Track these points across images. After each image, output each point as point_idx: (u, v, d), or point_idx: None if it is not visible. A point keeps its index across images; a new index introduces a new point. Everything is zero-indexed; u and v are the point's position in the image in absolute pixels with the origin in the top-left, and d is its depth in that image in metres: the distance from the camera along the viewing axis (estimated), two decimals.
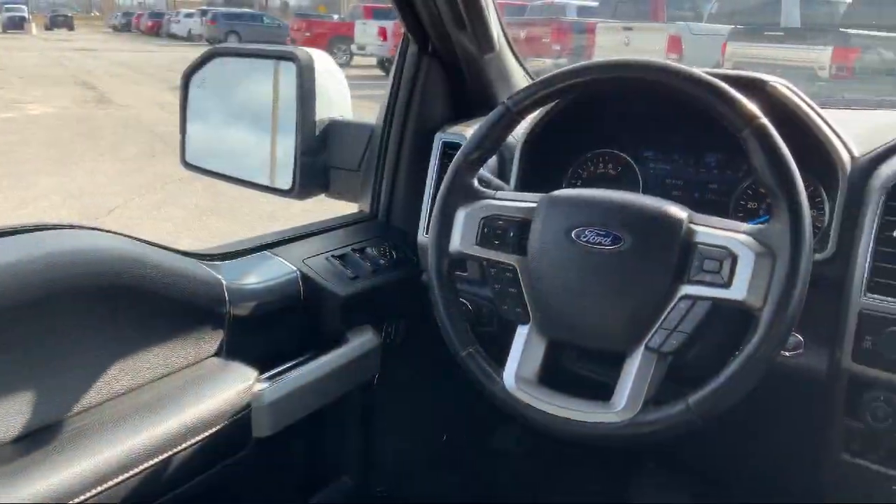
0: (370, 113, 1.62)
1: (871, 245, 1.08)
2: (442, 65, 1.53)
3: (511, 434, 1.88)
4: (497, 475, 1.87)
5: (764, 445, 1.49)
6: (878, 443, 1.12)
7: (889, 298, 1.05)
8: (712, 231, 0.96)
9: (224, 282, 1.19)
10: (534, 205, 1.06)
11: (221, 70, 1.64)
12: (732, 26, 9.52)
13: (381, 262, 1.46)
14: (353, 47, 18.03)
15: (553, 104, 1.34)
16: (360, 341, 1.36)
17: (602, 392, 0.99)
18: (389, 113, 1.56)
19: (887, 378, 1.05)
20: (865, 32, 8.52)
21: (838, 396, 1.12)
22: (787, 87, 1.23)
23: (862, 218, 1.10)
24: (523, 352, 1.05)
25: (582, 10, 13.68)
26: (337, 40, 19.18)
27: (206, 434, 1.07)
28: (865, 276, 1.08)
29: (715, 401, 0.92)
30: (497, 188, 1.16)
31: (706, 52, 9.50)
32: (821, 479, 1.27)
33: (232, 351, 1.20)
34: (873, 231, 1.08)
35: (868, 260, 1.08)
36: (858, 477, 1.15)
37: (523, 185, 1.38)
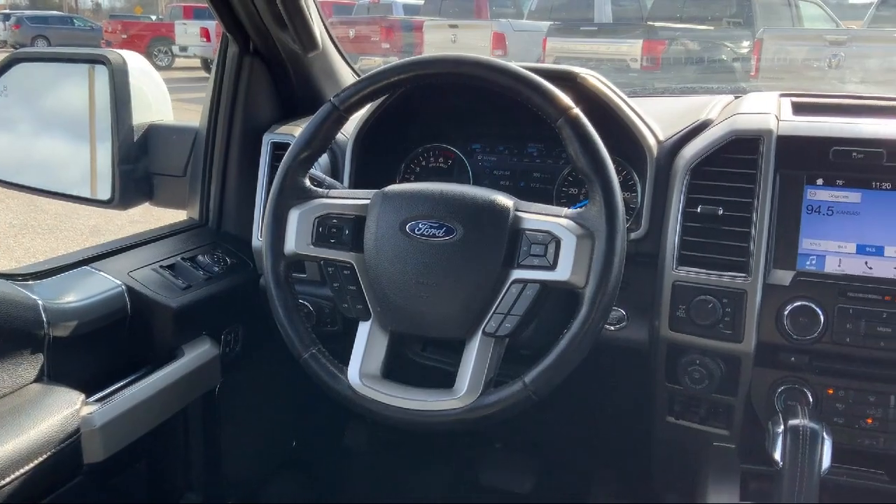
0: (198, 116, 1.56)
1: (678, 221, 1.17)
2: (265, 64, 1.50)
3: (362, 432, 1.88)
4: (351, 474, 1.87)
5: (599, 415, 1.59)
6: (697, 404, 1.22)
7: (696, 269, 1.15)
8: (537, 217, 1.00)
9: (40, 302, 1.11)
10: (367, 201, 1.07)
11: (27, 76, 1.53)
12: (551, 23, 9.97)
13: (216, 269, 1.41)
14: (175, 49, 17.23)
15: (382, 100, 1.35)
16: (197, 353, 1.31)
17: (447, 380, 1.02)
18: (213, 115, 1.51)
19: (700, 343, 1.15)
20: (671, 25, 9.21)
21: (659, 363, 1.21)
22: (597, 79, 1.31)
23: (670, 197, 1.20)
24: (366, 348, 1.05)
25: (408, 9, 13.85)
26: (157, 42, 18.24)
27: (33, 465, 0.99)
28: (676, 250, 1.17)
29: (548, 377, 0.96)
30: (330, 186, 1.16)
31: (529, 47, 9.90)
32: (650, 441, 1.37)
33: (55, 375, 1.12)
34: (680, 208, 1.17)
35: (677, 235, 1.17)
36: (683, 436, 1.25)
37: (357, 183, 1.38)
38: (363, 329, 1.06)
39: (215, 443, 1.47)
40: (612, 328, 1.27)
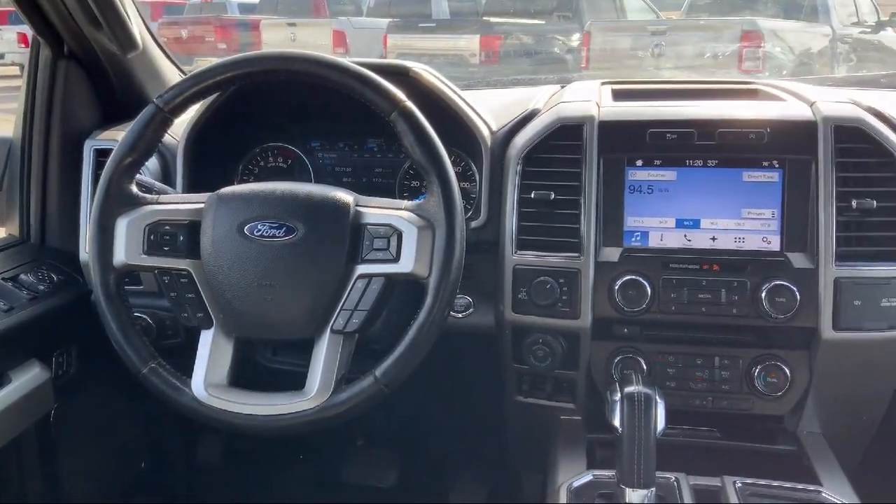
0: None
1: (514, 208, 1.21)
2: (82, 67, 1.41)
3: (216, 444, 1.82)
4: (208, 489, 1.81)
5: (454, 401, 1.62)
6: (543, 381, 1.27)
7: (534, 252, 1.20)
8: (378, 211, 1.01)
9: None
10: (201, 205, 1.03)
11: None
12: (390, 19, 10.00)
13: (41, 287, 1.32)
14: None
15: (213, 100, 1.30)
16: (25, 378, 1.22)
17: (300, 382, 1.00)
18: (28, 124, 1.41)
19: (542, 322, 1.20)
20: (505, 20, 9.48)
21: (506, 345, 1.25)
22: (430, 73, 1.33)
23: (505, 184, 1.24)
24: (210, 357, 1.02)
25: (244, 7, 13.43)
26: None
27: None
28: (514, 235, 1.21)
29: (398, 369, 0.97)
30: (160, 192, 1.11)
31: (371, 45, 9.87)
32: (504, 422, 1.41)
33: None
34: (515, 195, 1.21)
35: (514, 221, 1.21)
36: (533, 414, 1.30)
37: (192, 187, 1.33)
38: (206, 338, 1.03)
39: (54, 473, 1.38)
40: (460, 315, 1.30)
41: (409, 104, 1.00)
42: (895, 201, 1.12)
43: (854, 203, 1.11)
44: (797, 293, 1.11)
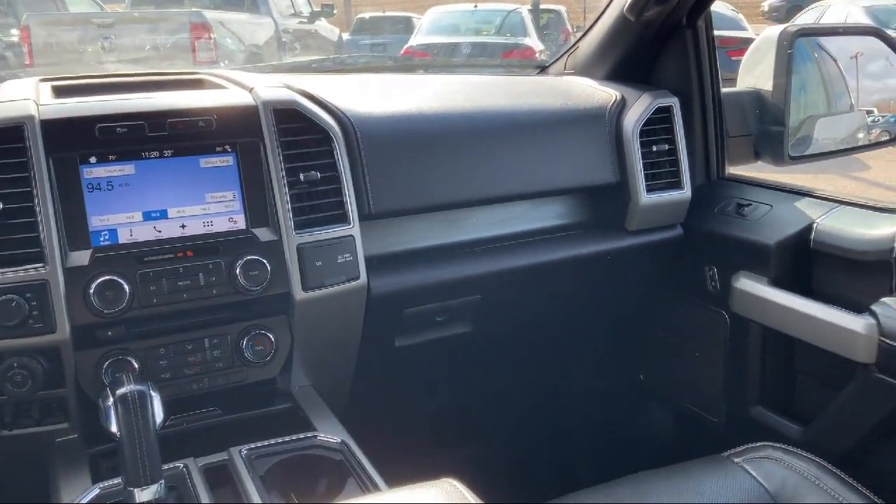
0: None
1: None
2: None
3: None
4: None
5: None
6: (29, 407, 1.16)
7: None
8: None
9: None
10: None
11: None
12: None
13: None
14: None
15: None
16: None
17: None
18: None
19: (14, 345, 1.09)
20: None
21: None
22: None
23: None
24: None
25: None
26: None
27: None
28: None
29: None
30: None
31: None
32: None
33: None
34: None
35: None
36: (25, 444, 1.18)
37: None
38: None
39: None
40: None
41: None
42: (334, 171, 1.28)
43: (302, 177, 1.25)
44: (267, 264, 1.21)
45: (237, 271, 1.19)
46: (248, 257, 1.20)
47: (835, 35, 1.79)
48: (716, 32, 1.76)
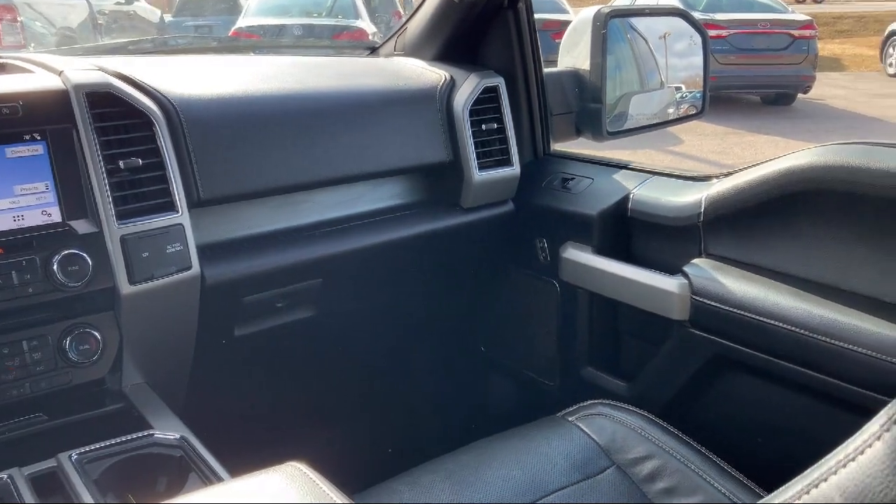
0: None
1: None
2: None
3: None
4: None
5: None
6: None
7: None
8: None
9: None
10: None
11: None
12: None
13: None
14: None
15: None
16: None
17: None
18: None
19: None
20: None
21: None
22: None
23: None
24: None
25: None
26: None
27: None
28: None
29: None
30: None
31: None
32: None
33: None
34: None
35: None
36: None
37: None
38: None
39: None
40: None
41: None
42: (158, 157, 1.22)
43: (121, 164, 1.18)
44: (88, 258, 1.14)
45: (54, 267, 1.12)
46: (66, 252, 1.13)
47: (644, 16, 1.90)
48: (539, 15, 1.83)
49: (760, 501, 0.47)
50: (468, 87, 1.61)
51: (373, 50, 1.98)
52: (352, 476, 1.10)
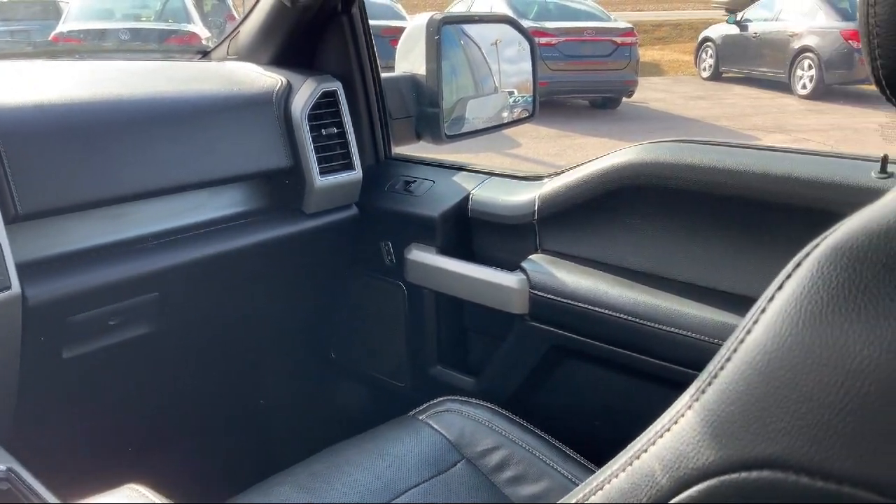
0: None
1: None
2: None
3: None
4: None
5: None
6: None
7: None
8: None
9: None
10: None
11: None
12: None
13: None
14: None
15: None
16: None
17: None
18: None
19: None
20: None
21: None
22: None
23: None
24: None
25: None
26: None
27: None
28: None
29: None
30: None
31: None
32: None
33: None
34: None
35: None
36: None
37: None
38: None
39: None
40: None
41: None
42: None
43: None
44: None
45: None
46: None
47: (475, 23, 1.96)
48: (376, 22, 1.84)
49: (602, 476, 0.51)
50: (306, 92, 1.60)
51: (205, 54, 1.92)
52: (201, 493, 1.07)
